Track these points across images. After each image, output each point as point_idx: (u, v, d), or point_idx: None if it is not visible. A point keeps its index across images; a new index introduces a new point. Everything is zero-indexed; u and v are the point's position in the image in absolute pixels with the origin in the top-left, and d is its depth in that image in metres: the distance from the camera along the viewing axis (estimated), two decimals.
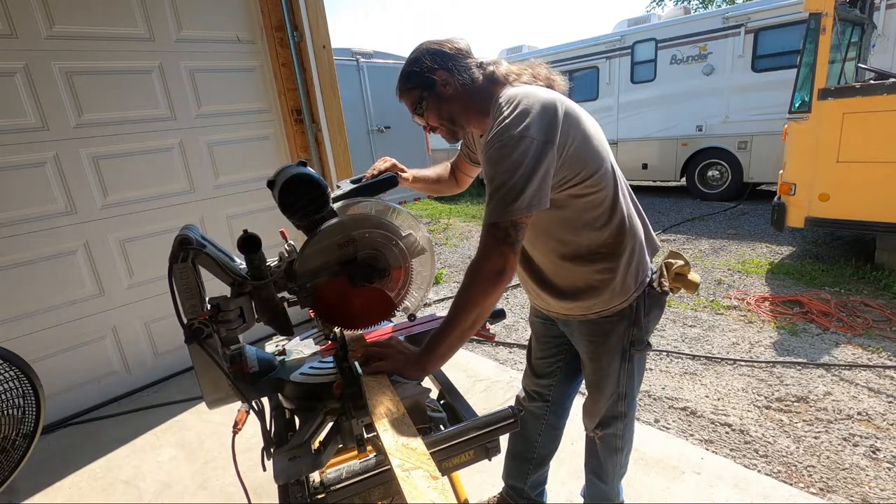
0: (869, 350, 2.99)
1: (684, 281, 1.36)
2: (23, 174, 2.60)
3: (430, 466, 0.76)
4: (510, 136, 1.07)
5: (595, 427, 1.52)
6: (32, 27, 2.57)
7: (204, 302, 1.00)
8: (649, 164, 8.30)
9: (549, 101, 1.10)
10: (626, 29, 8.32)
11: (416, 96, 1.24)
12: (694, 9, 15.00)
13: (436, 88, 1.22)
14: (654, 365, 3.07)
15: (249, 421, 1.10)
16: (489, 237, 1.08)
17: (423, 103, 1.24)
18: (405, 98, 1.28)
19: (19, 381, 1.91)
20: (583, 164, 1.15)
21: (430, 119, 1.27)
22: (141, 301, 3.07)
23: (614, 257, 1.25)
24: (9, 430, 1.88)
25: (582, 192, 1.18)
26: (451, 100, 1.23)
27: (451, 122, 1.27)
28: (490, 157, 1.09)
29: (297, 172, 0.99)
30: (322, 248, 1.05)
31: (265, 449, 1.02)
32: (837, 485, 2.00)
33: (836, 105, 3.97)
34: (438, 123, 1.28)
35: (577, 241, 1.24)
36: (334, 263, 1.07)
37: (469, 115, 1.26)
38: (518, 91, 1.14)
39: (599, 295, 1.28)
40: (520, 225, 1.07)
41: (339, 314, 1.12)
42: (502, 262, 1.06)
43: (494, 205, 1.08)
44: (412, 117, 1.31)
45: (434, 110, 1.25)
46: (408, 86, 1.25)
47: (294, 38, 3.37)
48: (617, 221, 1.23)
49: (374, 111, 7.47)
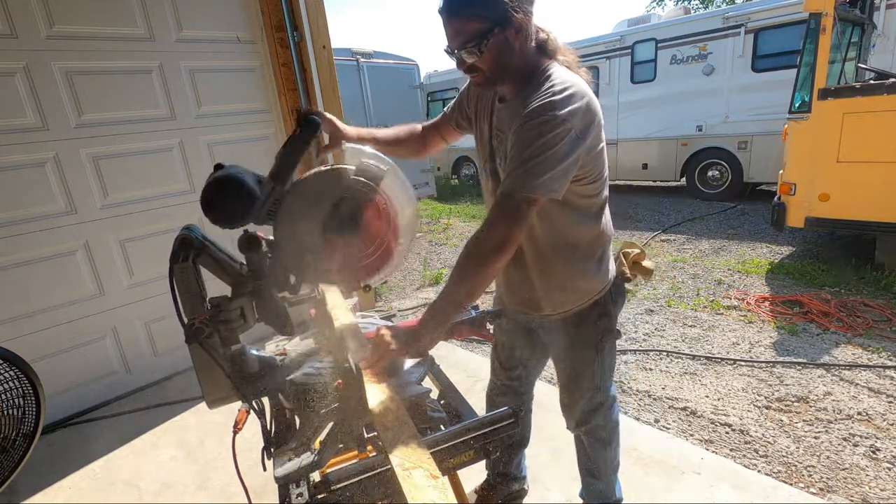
0: (869, 350, 2.99)
1: (640, 268, 1.45)
2: (23, 174, 2.60)
3: (430, 466, 0.76)
4: (555, 115, 1.04)
5: (579, 425, 1.53)
6: (32, 27, 2.57)
7: (204, 302, 1.00)
8: (649, 164, 8.30)
9: (595, 101, 1.12)
10: (626, 29, 8.32)
11: (484, 29, 1.06)
12: (694, 9, 14.99)
13: (509, 30, 1.08)
14: (654, 365, 3.07)
15: (249, 421, 1.10)
16: (500, 208, 1.07)
17: (489, 39, 1.07)
18: (464, 24, 1.07)
19: (19, 381, 1.91)
20: (596, 167, 1.19)
21: (485, 60, 1.10)
22: (141, 301, 3.07)
23: (596, 254, 1.31)
24: (9, 430, 1.88)
25: (588, 192, 1.22)
26: (512, 50, 1.10)
27: (502, 71, 1.14)
28: (527, 129, 1.06)
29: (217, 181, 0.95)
30: (292, 235, 1.01)
31: (265, 449, 1.03)
32: (837, 485, 2.00)
33: (836, 105, 3.97)
34: (488, 67, 1.12)
35: (569, 236, 1.27)
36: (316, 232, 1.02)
37: (514, 74, 1.15)
38: (571, 76, 1.12)
39: (579, 289, 1.32)
40: (533, 204, 1.06)
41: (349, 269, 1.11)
42: (506, 234, 1.05)
43: (516, 177, 1.06)
44: (452, 45, 1.11)
45: (495, 52, 1.09)
46: (479, 13, 1.06)
47: (294, 38, 3.37)
48: (603, 221, 1.29)
49: (374, 111, 7.47)
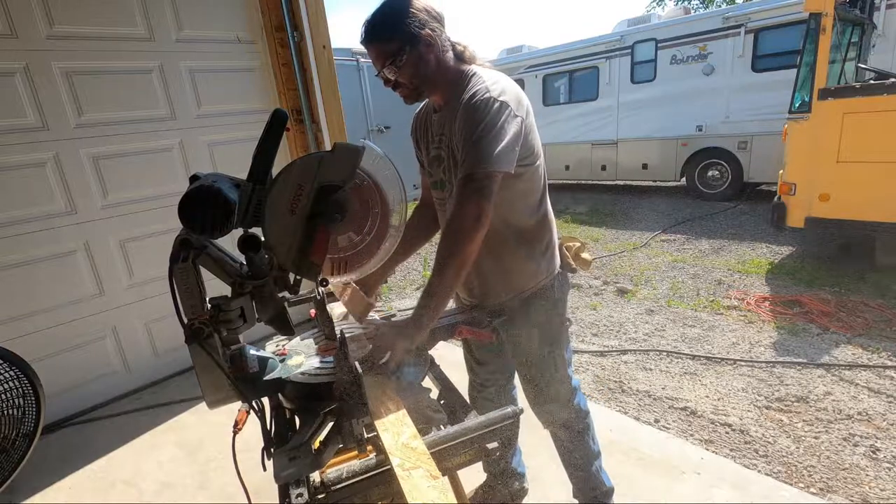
0: (869, 350, 2.99)
1: (580, 260, 1.57)
2: (23, 174, 2.60)
3: (430, 466, 0.76)
4: (492, 98, 1.17)
5: (552, 422, 1.55)
6: (32, 27, 2.57)
7: (204, 302, 1.00)
8: (649, 163, 8.30)
9: (519, 88, 1.26)
10: (626, 29, 8.32)
11: (396, 48, 1.18)
12: (694, 9, 14.98)
13: (419, 46, 1.20)
14: (654, 365, 3.07)
15: (249, 421, 1.10)
16: (464, 189, 1.14)
17: (403, 57, 1.19)
18: (379, 46, 1.20)
19: (19, 381, 1.92)
20: (530, 150, 1.28)
21: (403, 75, 1.22)
22: (141, 301, 3.07)
23: (542, 240, 1.41)
24: (9, 430, 1.88)
25: (525, 177, 1.29)
26: (427, 63, 1.22)
27: (422, 82, 1.25)
28: (469, 114, 1.16)
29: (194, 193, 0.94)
30: (279, 227, 0.97)
31: (265, 449, 1.03)
32: (837, 485, 2.00)
33: (836, 105, 3.97)
34: (409, 81, 1.24)
35: (513, 220, 1.35)
36: (300, 225, 0.98)
37: (437, 82, 1.26)
38: (496, 73, 1.27)
39: (525, 272, 1.40)
40: (494, 178, 1.14)
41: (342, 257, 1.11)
42: (478, 209, 1.12)
43: (471, 158, 1.14)
44: (377, 67, 1.24)
45: (411, 67, 1.21)
46: (389, 35, 1.19)
47: (294, 38, 3.37)
48: (545, 209, 1.41)
49: (374, 111, 7.47)
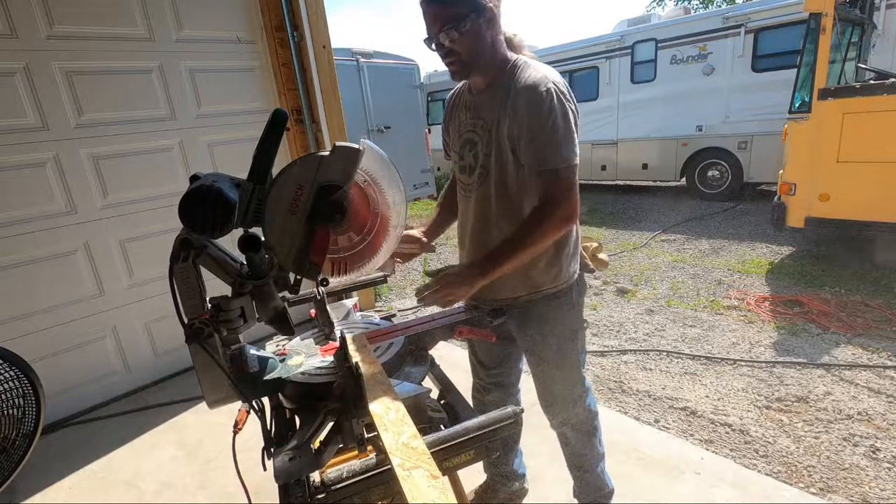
0: (869, 350, 2.99)
1: (597, 260, 1.55)
2: (23, 174, 2.60)
3: (430, 466, 0.76)
4: (559, 89, 1.14)
5: (564, 421, 1.53)
6: (32, 27, 2.57)
7: (205, 302, 1.00)
8: (649, 164, 8.29)
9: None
10: (626, 29, 8.32)
11: (462, 13, 1.13)
12: (694, 9, 14.98)
13: (484, 17, 1.15)
14: (654, 365, 3.07)
15: (249, 421, 1.10)
16: (556, 185, 1.14)
17: (467, 24, 1.13)
18: (443, 9, 1.14)
19: (19, 381, 1.91)
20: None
21: (462, 44, 1.17)
22: (141, 301, 3.07)
23: (563, 245, 1.36)
24: (9, 430, 1.88)
25: None
26: (484, 39, 1.18)
27: (476, 56, 1.20)
28: (536, 104, 1.13)
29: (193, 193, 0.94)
30: (279, 228, 0.97)
31: (265, 449, 1.03)
32: (837, 485, 2.00)
33: (836, 105, 3.97)
34: (465, 51, 1.18)
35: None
36: (302, 227, 0.97)
37: (487, 62, 1.22)
38: (543, 64, 1.23)
39: (549, 271, 1.37)
40: (576, 171, 1.14)
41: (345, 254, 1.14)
42: (571, 209, 1.14)
43: (553, 148, 1.12)
44: (432, 30, 1.18)
45: (472, 36, 1.16)
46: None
47: (294, 38, 3.37)
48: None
49: (374, 111, 7.46)
